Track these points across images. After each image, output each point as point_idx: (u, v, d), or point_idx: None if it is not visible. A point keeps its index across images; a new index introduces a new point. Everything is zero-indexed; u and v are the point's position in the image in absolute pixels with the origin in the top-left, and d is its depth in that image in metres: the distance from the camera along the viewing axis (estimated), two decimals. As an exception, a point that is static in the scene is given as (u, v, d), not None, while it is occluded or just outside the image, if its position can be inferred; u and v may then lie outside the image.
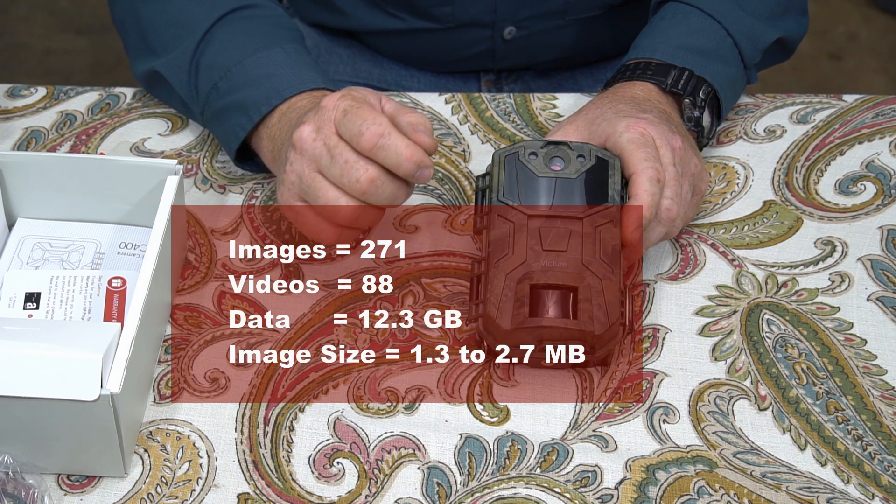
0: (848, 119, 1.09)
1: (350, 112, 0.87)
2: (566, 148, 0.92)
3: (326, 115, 0.88)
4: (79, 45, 2.38)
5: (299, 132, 0.89)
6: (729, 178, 1.04)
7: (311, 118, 0.89)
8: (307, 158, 0.88)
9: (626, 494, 0.85)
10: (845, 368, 0.91)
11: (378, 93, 0.91)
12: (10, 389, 0.79)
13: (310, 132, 0.88)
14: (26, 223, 0.98)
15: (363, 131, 0.86)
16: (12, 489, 0.81)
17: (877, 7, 2.47)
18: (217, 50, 1.01)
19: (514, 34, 1.20)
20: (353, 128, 0.86)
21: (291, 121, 0.95)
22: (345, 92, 0.89)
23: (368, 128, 0.86)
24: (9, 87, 1.11)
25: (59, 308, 0.92)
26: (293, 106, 0.97)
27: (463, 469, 0.86)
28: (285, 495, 0.85)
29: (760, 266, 0.98)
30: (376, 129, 0.86)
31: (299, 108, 0.96)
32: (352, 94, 0.89)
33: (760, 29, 1.04)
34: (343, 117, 0.87)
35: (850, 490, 0.85)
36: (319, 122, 0.88)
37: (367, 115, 0.86)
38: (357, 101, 0.88)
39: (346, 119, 0.87)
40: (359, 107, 0.87)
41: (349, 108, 0.87)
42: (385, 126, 0.86)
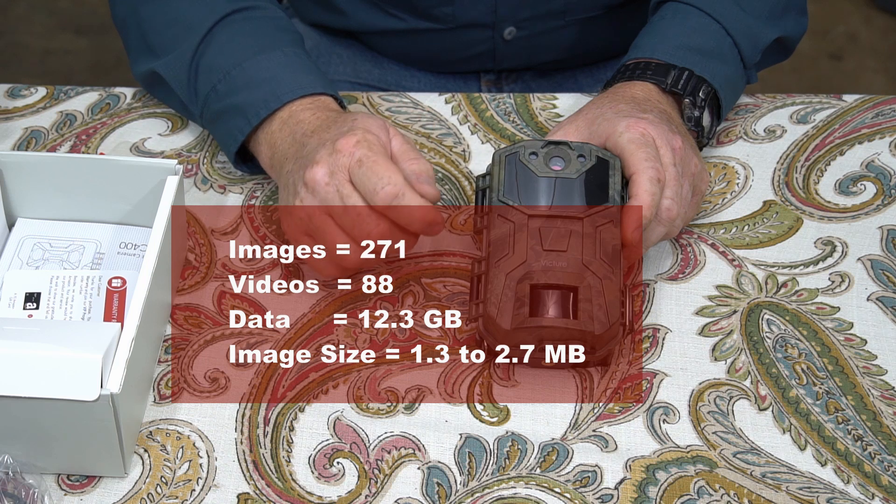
0: (848, 119, 1.09)
1: (365, 165, 0.86)
2: (566, 148, 0.92)
3: (341, 161, 0.88)
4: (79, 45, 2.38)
5: (312, 173, 0.88)
6: (729, 178, 1.04)
7: (325, 159, 0.88)
8: (319, 201, 0.88)
9: (626, 494, 0.85)
10: (845, 368, 0.91)
11: (386, 125, 0.91)
12: (10, 389, 0.79)
13: (323, 175, 0.88)
14: (26, 223, 0.98)
15: (377, 190, 0.86)
16: (12, 489, 0.81)
17: (877, 7, 2.46)
18: (216, 52, 1.01)
19: (515, 35, 1.20)
20: (367, 184, 0.86)
21: (295, 134, 0.95)
22: (360, 136, 0.88)
23: (384, 187, 0.85)
24: (9, 87, 1.11)
25: (59, 308, 0.92)
26: (294, 116, 0.96)
27: (463, 469, 0.86)
28: (285, 495, 0.85)
29: (760, 266, 0.98)
30: (391, 190, 0.85)
31: (302, 122, 0.95)
32: (367, 139, 0.88)
33: (760, 28, 1.04)
34: (358, 169, 0.87)
35: (850, 490, 0.85)
36: (333, 167, 0.88)
37: (383, 172, 0.86)
38: (373, 150, 0.87)
39: (362, 172, 0.86)
40: (375, 160, 0.86)
41: (364, 158, 0.87)
42: (399, 186, 0.86)
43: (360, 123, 0.90)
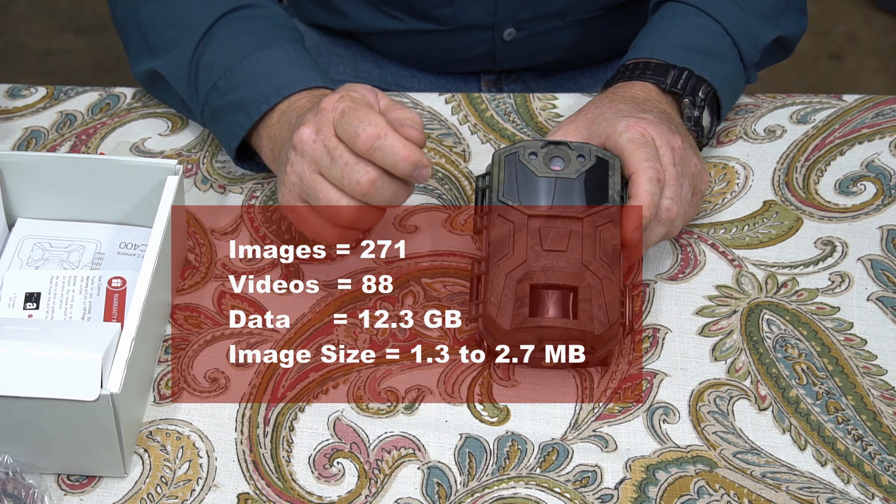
0: (848, 119, 1.09)
1: (347, 113, 0.87)
2: (566, 148, 0.92)
3: (325, 116, 0.88)
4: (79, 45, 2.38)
5: (299, 134, 0.89)
6: (729, 178, 1.04)
7: (311, 119, 0.89)
8: (307, 160, 0.88)
9: (626, 494, 0.85)
10: (845, 368, 0.91)
11: (374, 90, 0.91)
12: (10, 389, 0.79)
13: (309, 134, 0.88)
14: (26, 223, 0.98)
15: (359, 133, 0.86)
16: (12, 489, 0.81)
17: (877, 7, 2.46)
18: (217, 49, 1.01)
19: (515, 36, 1.20)
20: (350, 129, 0.86)
21: (291, 120, 0.95)
22: (343, 92, 0.89)
23: (364, 129, 0.86)
24: (9, 87, 1.11)
25: (59, 308, 0.92)
26: (293, 105, 0.97)
27: (463, 469, 0.86)
28: (285, 495, 0.85)
29: (760, 266, 0.98)
30: (372, 131, 0.86)
31: (299, 108, 0.96)
32: (350, 95, 0.89)
33: (759, 28, 1.04)
34: (341, 119, 0.87)
35: (850, 490, 0.85)
36: (319, 124, 0.88)
37: (364, 116, 0.86)
38: (355, 101, 0.88)
39: (344, 121, 0.87)
40: (356, 108, 0.87)
41: (347, 109, 0.87)
42: (381, 127, 0.86)
43: (345, 86, 0.91)
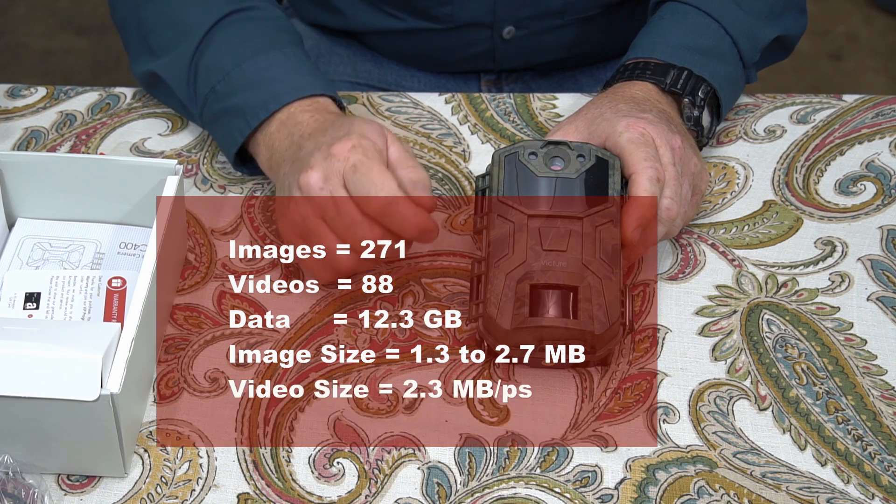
0: (848, 119, 1.09)
1: (359, 170, 0.86)
2: (566, 148, 0.92)
3: (336, 165, 0.87)
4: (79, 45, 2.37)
5: (307, 177, 0.88)
6: (729, 178, 1.04)
7: (320, 164, 0.88)
8: (313, 205, 0.88)
9: (626, 494, 0.85)
10: (845, 368, 0.91)
11: (383, 131, 0.91)
12: (10, 389, 0.79)
13: (317, 180, 0.88)
14: (26, 223, 0.98)
15: (371, 196, 0.86)
16: (12, 489, 0.81)
17: (877, 7, 2.46)
18: (216, 52, 1.01)
19: (514, 34, 1.20)
20: (361, 189, 0.86)
21: (293, 136, 0.95)
22: (355, 140, 0.88)
23: (377, 193, 0.86)
24: (9, 87, 1.11)
25: (59, 308, 0.92)
26: (293, 117, 0.96)
27: (463, 469, 0.86)
28: (285, 495, 0.85)
29: (760, 266, 0.98)
30: (384, 197, 0.86)
31: (300, 124, 0.95)
32: (362, 145, 0.88)
33: (759, 27, 1.04)
34: (353, 174, 0.87)
35: (850, 490, 0.85)
36: (328, 172, 0.88)
37: (376, 178, 0.86)
38: (367, 155, 0.87)
39: (356, 178, 0.86)
40: (369, 166, 0.86)
41: (358, 164, 0.87)
42: (393, 192, 0.86)
43: (356, 128, 0.90)
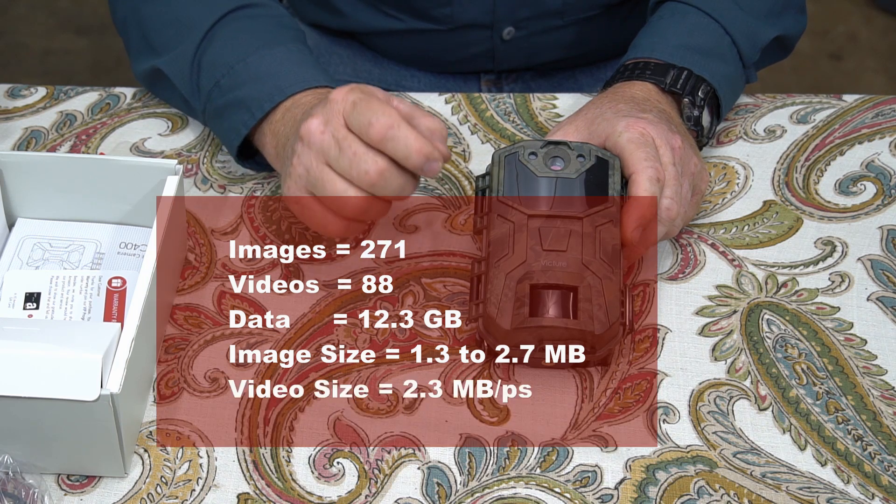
0: (848, 119, 1.09)
1: (359, 104, 0.87)
2: (566, 148, 0.92)
3: (335, 107, 0.88)
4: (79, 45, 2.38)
5: (307, 125, 0.88)
6: (729, 178, 1.04)
7: (320, 111, 0.89)
8: (315, 151, 0.88)
9: (626, 494, 0.85)
10: (845, 368, 0.91)
11: (387, 93, 0.91)
12: (10, 389, 0.79)
13: (318, 125, 0.88)
14: (26, 223, 0.98)
15: (373, 122, 0.85)
16: (12, 489, 0.81)
17: (877, 7, 2.47)
18: (219, 48, 1.01)
19: (514, 34, 1.20)
20: (362, 119, 0.86)
21: (296, 116, 0.95)
22: (353, 86, 0.89)
23: (378, 119, 0.85)
24: (9, 87, 1.11)
25: (59, 308, 0.92)
26: (297, 102, 0.97)
27: (463, 469, 0.86)
28: (285, 495, 0.85)
29: (760, 266, 0.98)
30: (386, 121, 0.85)
31: (304, 104, 0.96)
32: (361, 88, 0.88)
33: (759, 27, 1.04)
34: (352, 109, 0.87)
35: (850, 490, 0.85)
36: (328, 115, 0.88)
37: (377, 107, 0.86)
38: (366, 93, 0.88)
39: (356, 111, 0.86)
40: (368, 99, 0.87)
41: (358, 100, 0.87)
42: (394, 118, 0.86)
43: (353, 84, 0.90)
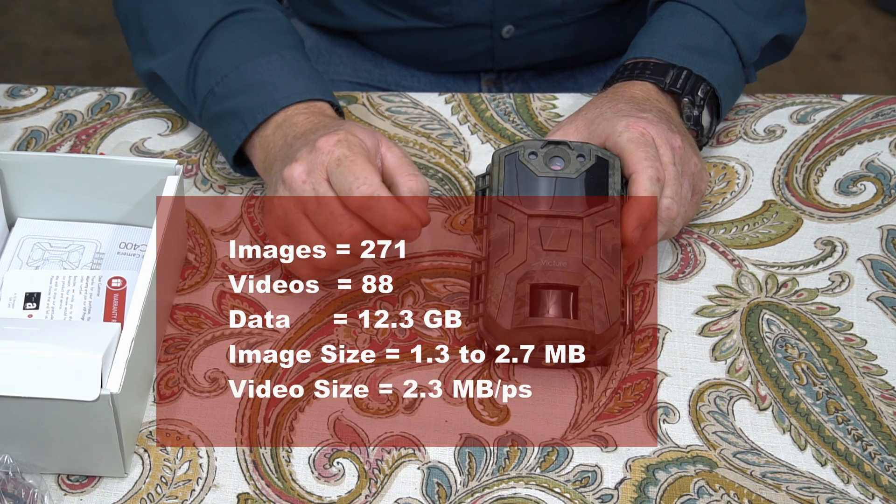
0: (848, 119, 1.09)
1: (343, 163, 0.86)
2: (566, 148, 0.92)
3: (320, 158, 0.87)
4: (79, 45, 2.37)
5: (290, 170, 0.88)
6: (729, 178, 1.04)
7: (304, 157, 0.88)
8: (295, 200, 0.88)
9: (626, 494, 0.85)
10: (845, 368, 0.91)
11: (375, 135, 0.91)
12: (10, 389, 0.79)
13: (301, 173, 0.88)
14: (26, 223, 0.98)
15: (353, 189, 0.85)
16: (12, 489, 0.81)
17: (877, 7, 2.46)
18: (215, 54, 1.00)
19: (513, 33, 1.20)
20: (343, 183, 0.86)
21: (287, 136, 0.95)
22: (341, 136, 0.88)
23: (359, 187, 0.85)
24: (9, 87, 1.11)
25: (59, 308, 0.92)
26: (289, 119, 0.96)
27: (463, 469, 0.86)
28: (285, 495, 0.85)
29: (760, 266, 0.98)
30: (366, 189, 0.85)
31: (295, 126, 0.95)
32: (348, 140, 0.88)
33: (758, 27, 1.04)
34: (336, 167, 0.86)
35: (850, 490, 0.85)
36: (312, 165, 0.87)
37: (360, 171, 0.85)
38: (352, 150, 0.87)
39: (339, 170, 0.86)
40: (353, 159, 0.86)
41: (343, 158, 0.86)
42: (375, 185, 0.85)
43: (346, 126, 0.90)
